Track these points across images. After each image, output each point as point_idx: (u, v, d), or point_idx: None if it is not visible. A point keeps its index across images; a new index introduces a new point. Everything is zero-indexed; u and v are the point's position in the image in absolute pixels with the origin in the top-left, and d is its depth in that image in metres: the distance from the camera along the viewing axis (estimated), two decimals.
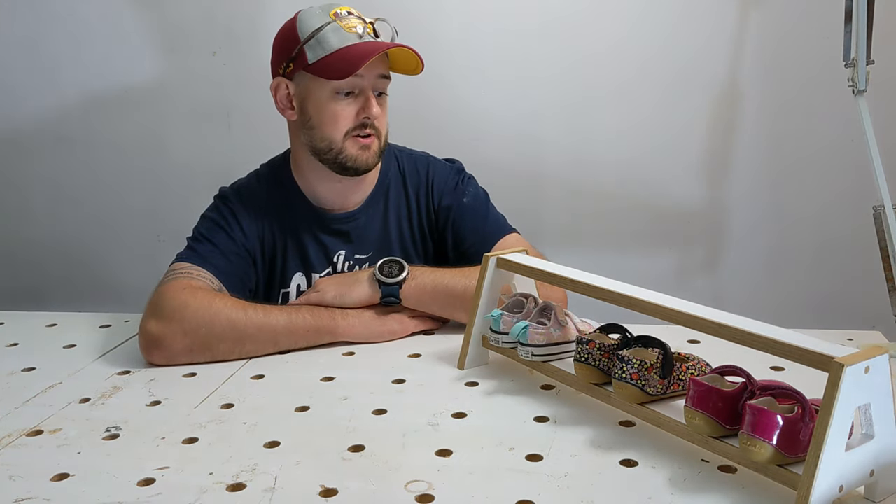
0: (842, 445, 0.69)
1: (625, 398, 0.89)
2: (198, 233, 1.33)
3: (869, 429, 0.72)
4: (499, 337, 1.06)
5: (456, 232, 1.38)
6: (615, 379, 0.89)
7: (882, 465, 0.73)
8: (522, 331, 1.01)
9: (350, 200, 1.36)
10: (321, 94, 1.26)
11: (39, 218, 2.19)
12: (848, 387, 0.67)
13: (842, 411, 0.67)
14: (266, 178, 1.39)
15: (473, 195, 1.40)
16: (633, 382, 0.88)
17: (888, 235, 1.25)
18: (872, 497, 0.75)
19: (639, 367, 0.88)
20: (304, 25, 1.26)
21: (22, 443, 0.93)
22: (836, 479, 0.69)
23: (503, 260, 1.09)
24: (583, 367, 0.95)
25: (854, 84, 1.33)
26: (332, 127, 1.27)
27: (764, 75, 1.91)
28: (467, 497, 0.78)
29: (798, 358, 0.73)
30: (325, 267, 1.37)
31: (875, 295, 1.38)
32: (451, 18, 1.94)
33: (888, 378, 0.71)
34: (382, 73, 1.28)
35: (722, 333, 0.80)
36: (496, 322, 1.06)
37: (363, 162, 1.29)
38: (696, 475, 0.81)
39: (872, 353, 0.69)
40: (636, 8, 1.90)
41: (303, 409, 1.00)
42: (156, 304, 1.19)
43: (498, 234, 1.36)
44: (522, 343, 1.02)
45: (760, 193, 1.98)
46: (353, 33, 1.24)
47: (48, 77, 2.08)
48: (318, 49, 1.24)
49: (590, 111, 1.97)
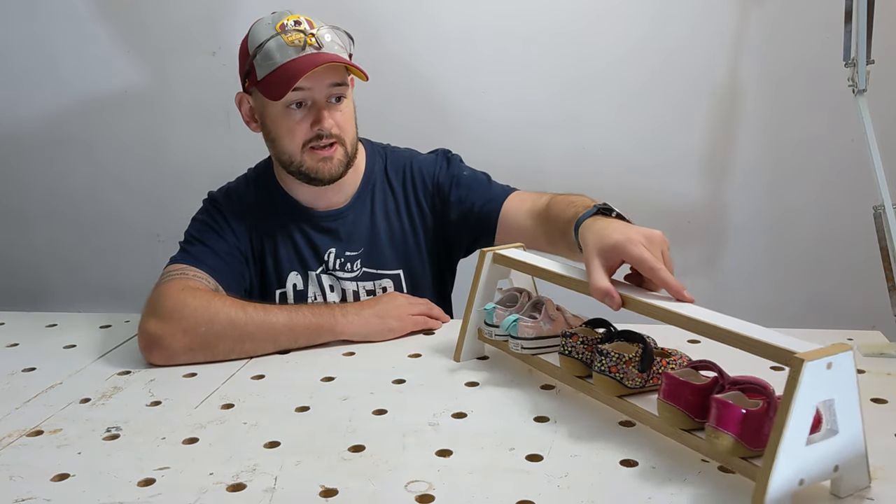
0: (802, 440, 0.69)
1: (603, 390, 0.92)
2: (189, 235, 1.34)
3: (833, 424, 0.72)
4: (492, 330, 1.09)
5: (462, 202, 1.39)
6: (595, 371, 0.92)
7: (846, 461, 0.73)
8: (512, 324, 1.04)
9: (333, 200, 1.37)
10: (274, 110, 1.27)
11: (39, 218, 2.19)
12: (808, 382, 0.68)
13: (801, 406, 0.68)
14: (254, 181, 1.41)
15: (470, 169, 1.43)
16: (612, 375, 0.91)
17: (888, 235, 1.25)
18: (837, 492, 0.75)
19: (617, 360, 0.91)
20: (253, 39, 1.27)
21: (22, 443, 0.93)
22: (796, 473, 0.70)
23: (499, 255, 1.10)
24: (566, 360, 0.98)
25: (854, 84, 1.33)
26: (289, 141, 1.28)
27: (764, 75, 1.91)
28: (467, 497, 0.78)
29: (761, 352, 0.74)
30: (319, 265, 1.37)
31: (875, 295, 1.38)
32: (452, 24, 1.94)
33: (853, 375, 0.71)
34: (334, 81, 1.26)
35: (691, 327, 0.83)
36: (489, 315, 1.09)
37: (326, 173, 1.29)
38: (696, 475, 0.81)
39: (836, 350, 0.70)
40: (635, 8, 1.90)
41: (303, 409, 1.00)
42: (155, 303, 1.19)
43: (504, 194, 1.37)
44: (513, 336, 1.05)
45: (760, 193, 1.98)
46: (294, 46, 1.23)
47: (48, 77, 2.08)
48: (265, 65, 1.24)
49: (589, 111, 1.97)
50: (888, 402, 0.96)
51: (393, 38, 1.93)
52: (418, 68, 1.96)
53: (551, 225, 1.21)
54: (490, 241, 1.37)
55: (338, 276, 1.38)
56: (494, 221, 1.35)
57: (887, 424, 0.90)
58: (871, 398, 0.97)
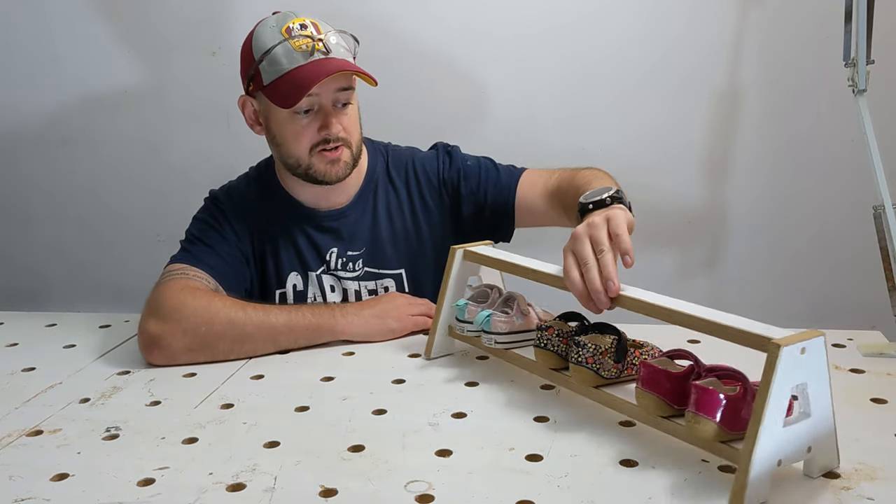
0: (779, 422, 0.73)
1: (580, 381, 0.95)
2: (190, 234, 1.33)
3: (806, 407, 0.75)
4: (464, 326, 1.10)
5: (474, 194, 1.39)
6: (571, 363, 0.94)
7: (818, 442, 0.77)
8: (486, 319, 1.05)
9: (336, 200, 1.37)
10: (280, 115, 1.26)
11: (39, 218, 2.19)
12: (785, 366, 0.71)
13: (779, 389, 0.71)
14: (255, 180, 1.40)
15: (473, 157, 1.43)
16: (588, 366, 0.93)
17: (888, 235, 1.25)
18: (810, 473, 0.79)
19: (594, 351, 0.93)
20: (258, 44, 1.25)
21: (22, 443, 0.93)
22: (775, 454, 0.73)
23: (469, 252, 1.12)
24: (542, 353, 0.99)
25: (854, 84, 1.33)
26: (296, 146, 1.27)
27: (764, 75, 1.91)
28: (467, 497, 0.78)
29: (738, 339, 0.77)
30: (320, 265, 1.37)
31: (875, 295, 1.38)
32: (450, 20, 1.94)
33: (824, 360, 0.74)
34: (341, 86, 1.26)
35: (672, 318, 0.84)
36: (461, 311, 1.10)
37: (333, 175, 1.29)
38: (696, 475, 0.81)
39: (809, 336, 0.73)
40: (635, 9, 1.90)
41: (303, 409, 1.00)
42: (155, 303, 1.19)
43: (515, 178, 1.38)
44: (486, 331, 1.06)
45: (760, 193, 1.98)
46: (301, 52, 1.22)
47: (48, 77, 2.08)
48: (271, 71, 1.23)
49: (589, 112, 1.97)
50: (888, 402, 0.96)
51: (390, 35, 1.93)
52: (415, 65, 1.96)
53: (567, 206, 1.26)
54: (510, 228, 1.39)
55: (339, 275, 1.38)
56: (512, 208, 1.37)
57: (887, 424, 0.90)
58: (871, 398, 0.97)
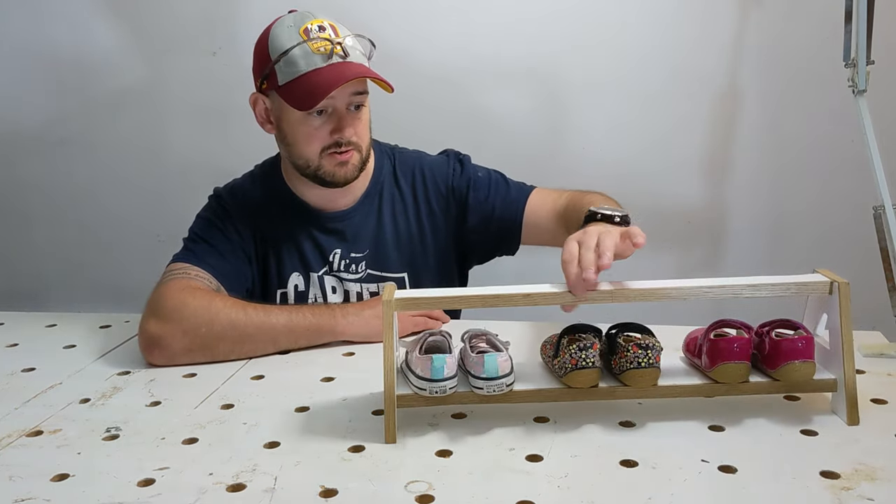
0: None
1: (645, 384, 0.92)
2: (193, 233, 1.33)
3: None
4: (445, 384, 0.90)
5: (482, 205, 1.37)
6: (633, 368, 0.91)
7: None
8: (493, 364, 0.90)
9: (341, 202, 1.36)
10: (293, 115, 1.25)
11: (38, 219, 2.19)
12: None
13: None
14: (260, 179, 1.39)
15: (484, 169, 1.41)
16: (656, 364, 0.91)
17: (888, 235, 1.25)
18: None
19: (658, 349, 0.92)
20: (275, 43, 1.23)
21: (22, 443, 0.93)
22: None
23: (399, 300, 0.92)
24: (581, 374, 0.90)
25: (854, 84, 1.33)
26: (307, 147, 1.26)
27: (764, 75, 1.91)
28: (467, 497, 0.78)
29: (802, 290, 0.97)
30: (322, 266, 1.37)
31: (875, 295, 1.38)
32: (453, 25, 1.94)
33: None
34: (356, 90, 1.25)
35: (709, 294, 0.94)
36: (438, 371, 0.90)
37: (342, 177, 1.28)
38: (697, 475, 0.81)
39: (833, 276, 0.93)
40: (635, 9, 1.90)
41: (303, 409, 1.00)
42: (155, 304, 1.19)
43: (525, 194, 1.36)
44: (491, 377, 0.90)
45: (760, 193, 1.98)
46: (320, 54, 1.21)
47: (48, 77, 2.08)
48: (287, 71, 1.22)
49: (589, 112, 1.97)
50: (888, 402, 0.96)
51: (393, 37, 1.93)
52: (419, 69, 1.96)
53: (571, 227, 1.21)
54: (515, 243, 1.37)
55: (342, 277, 1.37)
56: (519, 224, 1.35)
57: (887, 424, 0.90)
58: (871, 398, 0.97)
